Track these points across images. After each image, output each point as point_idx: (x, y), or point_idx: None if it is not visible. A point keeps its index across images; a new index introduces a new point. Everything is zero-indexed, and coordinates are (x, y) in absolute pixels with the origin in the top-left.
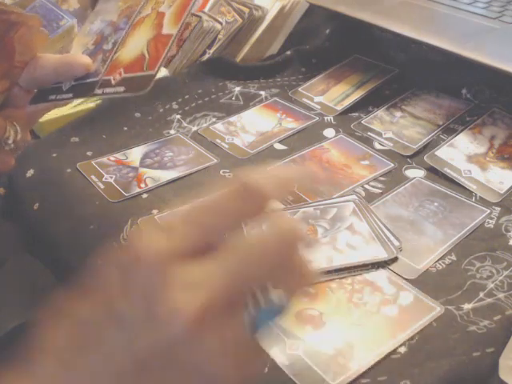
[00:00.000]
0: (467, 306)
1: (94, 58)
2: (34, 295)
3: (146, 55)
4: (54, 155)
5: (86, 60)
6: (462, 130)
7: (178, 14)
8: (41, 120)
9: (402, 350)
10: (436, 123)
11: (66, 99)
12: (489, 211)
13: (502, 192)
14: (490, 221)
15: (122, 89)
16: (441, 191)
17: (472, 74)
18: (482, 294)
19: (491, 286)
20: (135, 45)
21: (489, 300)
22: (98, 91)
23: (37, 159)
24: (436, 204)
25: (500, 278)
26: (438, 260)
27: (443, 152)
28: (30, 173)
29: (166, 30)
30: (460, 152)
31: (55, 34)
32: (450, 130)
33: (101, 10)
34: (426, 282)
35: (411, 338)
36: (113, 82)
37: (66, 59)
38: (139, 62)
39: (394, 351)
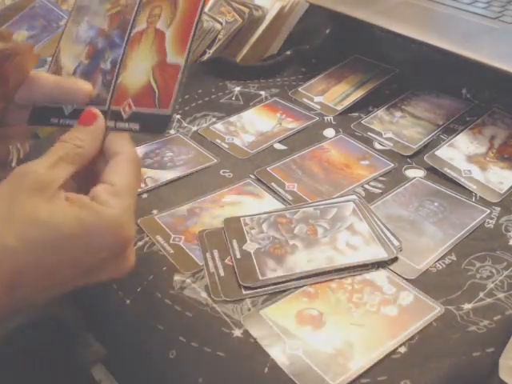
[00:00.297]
0: (467, 306)
1: (93, 79)
2: None
3: (155, 87)
4: None
5: (87, 87)
6: (462, 130)
7: (180, 38)
8: None
9: (402, 350)
10: (436, 123)
11: (69, 125)
12: (489, 211)
13: (502, 192)
14: (490, 221)
15: (136, 127)
16: (441, 191)
17: (472, 74)
18: (481, 294)
19: (491, 286)
20: (138, 69)
21: (489, 300)
22: (110, 124)
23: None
24: (436, 204)
25: (500, 278)
26: (438, 260)
27: (443, 152)
28: None
29: (170, 58)
30: (460, 152)
31: (55, 33)
32: (449, 130)
33: (84, 8)
34: (425, 282)
35: (411, 338)
36: (124, 116)
37: (66, 83)
38: (148, 94)
39: (394, 351)
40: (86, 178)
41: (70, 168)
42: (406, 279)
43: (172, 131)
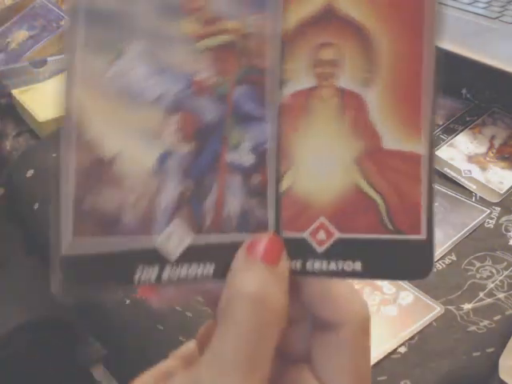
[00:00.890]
0: (467, 306)
1: (216, 183)
2: (34, 295)
3: (373, 194)
4: (54, 155)
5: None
6: (461, 130)
7: (402, 104)
8: (41, 120)
9: (402, 349)
10: (436, 123)
11: (199, 280)
12: (489, 211)
13: (501, 192)
14: (490, 221)
15: (351, 267)
16: (441, 191)
17: (472, 74)
18: (481, 294)
19: (491, 286)
20: (322, 164)
21: (489, 300)
22: (293, 264)
23: (37, 159)
24: (436, 204)
25: (500, 278)
26: (438, 260)
27: (443, 152)
28: (30, 173)
29: (392, 143)
30: (460, 152)
31: (55, 33)
32: (449, 130)
33: (120, 17)
34: (425, 282)
35: (411, 338)
36: (317, 249)
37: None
38: (361, 206)
39: (394, 351)
40: None
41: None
42: None
43: None
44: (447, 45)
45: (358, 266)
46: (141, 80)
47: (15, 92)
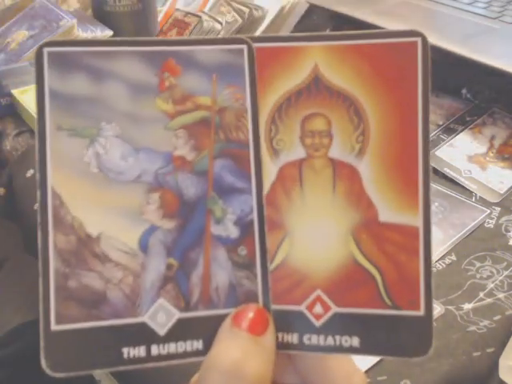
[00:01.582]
0: (467, 306)
1: (202, 258)
2: (34, 295)
3: (368, 267)
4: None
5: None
6: (461, 130)
7: (396, 174)
8: None
9: None
10: (436, 123)
11: (189, 355)
12: (489, 211)
13: (502, 192)
14: (490, 221)
15: (349, 341)
16: (441, 191)
17: (472, 74)
18: (482, 294)
19: (491, 285)
20: (316, 235)
21: (489, 300)
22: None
23: None
24: (436, 204)
25: (500, 278)
26: (438, 260)
27: (443, 152)
28: (30, 173)
29: (388, 215)
30: (460, 152)
31: (55, 33)
32: (449, 130)
33: (83, 101)
34: None
35: None
36: (313, 321)
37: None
38: (356, 279)
39: None
40: None
41: None
42: None
43: None
44: (447, 45)
45: (355, 341)
46: (119, 161)
47: (15, 92)
